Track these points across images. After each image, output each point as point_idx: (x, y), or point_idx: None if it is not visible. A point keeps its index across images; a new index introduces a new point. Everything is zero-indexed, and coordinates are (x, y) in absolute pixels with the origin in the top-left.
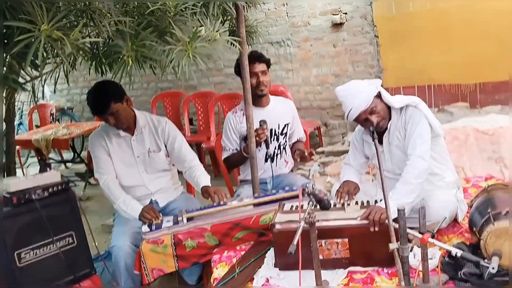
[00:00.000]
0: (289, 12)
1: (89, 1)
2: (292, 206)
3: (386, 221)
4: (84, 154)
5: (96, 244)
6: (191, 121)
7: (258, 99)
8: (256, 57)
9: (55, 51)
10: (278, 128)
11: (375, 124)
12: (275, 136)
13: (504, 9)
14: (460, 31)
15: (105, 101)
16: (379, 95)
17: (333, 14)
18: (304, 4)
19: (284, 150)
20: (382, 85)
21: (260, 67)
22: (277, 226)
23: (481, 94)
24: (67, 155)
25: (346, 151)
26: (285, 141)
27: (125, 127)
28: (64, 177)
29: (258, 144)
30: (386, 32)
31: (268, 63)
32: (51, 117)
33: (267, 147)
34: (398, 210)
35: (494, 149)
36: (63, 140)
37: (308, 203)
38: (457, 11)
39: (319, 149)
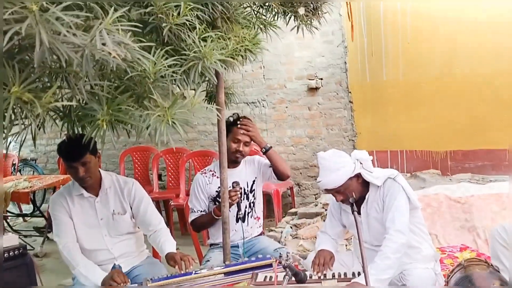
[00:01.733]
0: (265, 75)
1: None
2: (265, 277)
3: None
4: (44, 207)
5: None
6: (159, 177)
7: (230, 162)
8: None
9: (24, 113)
10: (247, 187)
11: (337, 201)
12: (245, 195)
13: (473, 81)
14: (431, 101)
15: (82, 148)
16: (358, 175)
17: (309, 79)
18: (281, 68)
19: (254, 207)
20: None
21: (245, 137)
22: None
23: (451, 161)
24: (26, 207)
25: (320, 213)
26: (254, 198)
27: (89, 184)
28: (21, 237)
29: (230, 205)
30: (360, 98)
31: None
32: (12, 168)
33: (239, 208)
34: None
35: (466, 218)
36: (23, 193)
37: (284, 277)
38: (428, 82)
39: (292, 210)
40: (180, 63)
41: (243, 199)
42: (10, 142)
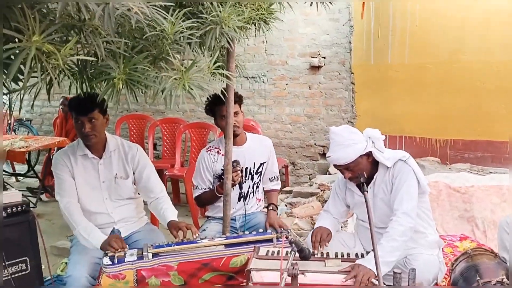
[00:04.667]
0: (267, 50)
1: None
2: (268, 252)
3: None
4: (38, 168)
5: (49, 267)
6: (154, 146)
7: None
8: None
9: (42, 64)
10: (254, 167)
11: (345, 178)
12: (250, 175)
13: (479, 70)
14: (435, 87)
15: (93, 103)
16: (369, 153)
17: (311, 57)
18: (284, 44)
19: (257, 189)
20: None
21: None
22: (254, 274)
23: (450, 150)
24: (20, 167)
25: (315, 194)
26: (259, 180)
27: (93, 143)
28: (24, 197)
29: (232, 186)
30: (363, 80)
31: (240, 102)
32: (7, 127)
33: (241, 188)
34: (394, 273)
35: (466, 208)
36: (19, 153)
37: (290, 252)
38: (433, 68)
39: (286, 188)
40: (197, 26)
41: (248, 179)
42: (21, 103)
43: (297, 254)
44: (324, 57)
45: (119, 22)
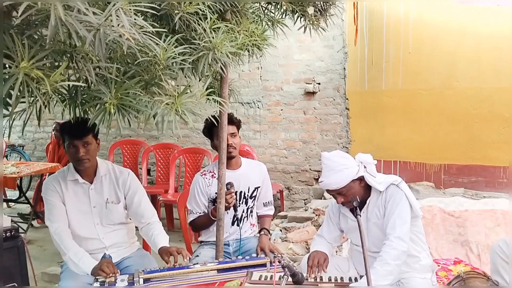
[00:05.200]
0: (262, 76)
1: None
2: (261, 276)
3: None
4: (30, 194)
5: None
6: (148, 172)
7: (228, 161)
8: (227, 119)
9: (31, 90)
10: (248, 191)
11: (338, 203)
12: (244, 199)
13: (472, 95)
14: (428, 113)
15: (87, 128)
16: (361, 178)
17: (306, 83)
18: (279, 70)
19: (251, 213)
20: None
21: (230, 129)
22: None
23: (445, 175)
24: (11, 193)
25: (310, 218)
26: (253, 204)
27: (86, 167)
28: (14, 222)
29: (227, 208)
30: (357, 106)
31: (238, 125)
32: None
33: (235, 210)
34: None
35: (460, 232)
36: (10, 179)
37: (282, 277)
38: (426, 94)
39: (281, 213)
40: (189, 52)
41: (242, 203)
42: (10, 129)
43: (290, 279)
44: (319, 83)
45: (111, 48)
